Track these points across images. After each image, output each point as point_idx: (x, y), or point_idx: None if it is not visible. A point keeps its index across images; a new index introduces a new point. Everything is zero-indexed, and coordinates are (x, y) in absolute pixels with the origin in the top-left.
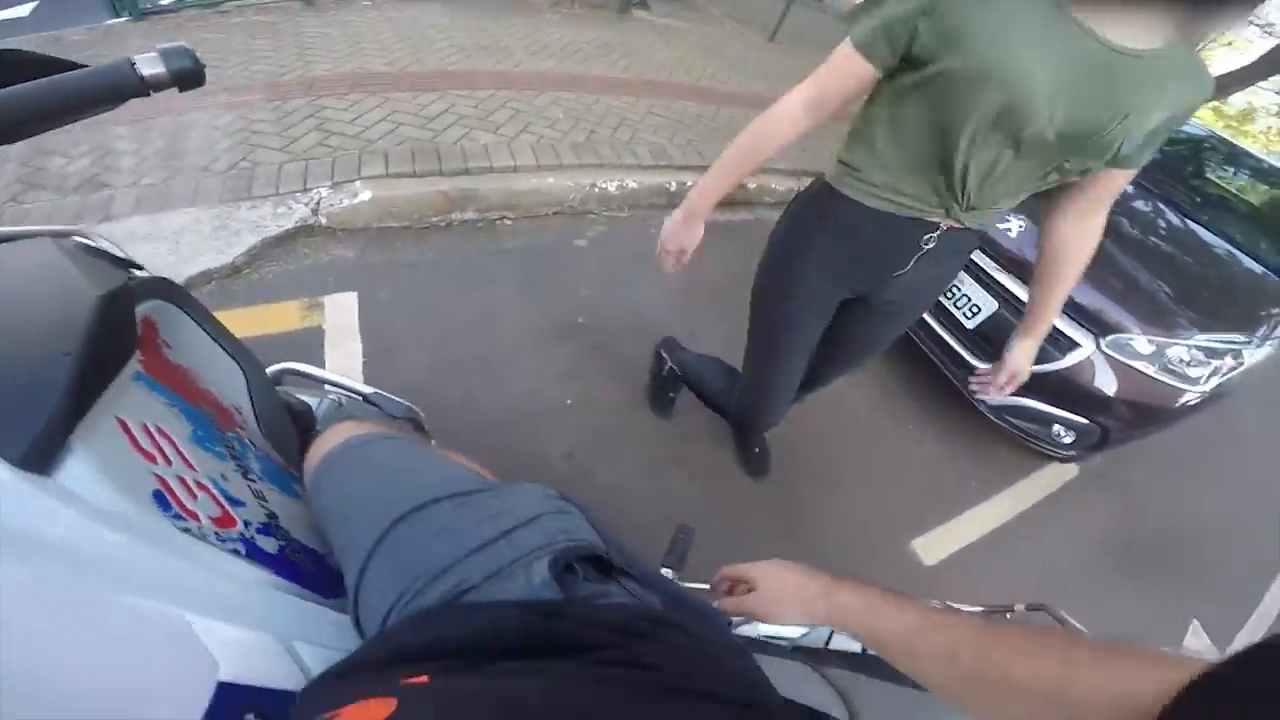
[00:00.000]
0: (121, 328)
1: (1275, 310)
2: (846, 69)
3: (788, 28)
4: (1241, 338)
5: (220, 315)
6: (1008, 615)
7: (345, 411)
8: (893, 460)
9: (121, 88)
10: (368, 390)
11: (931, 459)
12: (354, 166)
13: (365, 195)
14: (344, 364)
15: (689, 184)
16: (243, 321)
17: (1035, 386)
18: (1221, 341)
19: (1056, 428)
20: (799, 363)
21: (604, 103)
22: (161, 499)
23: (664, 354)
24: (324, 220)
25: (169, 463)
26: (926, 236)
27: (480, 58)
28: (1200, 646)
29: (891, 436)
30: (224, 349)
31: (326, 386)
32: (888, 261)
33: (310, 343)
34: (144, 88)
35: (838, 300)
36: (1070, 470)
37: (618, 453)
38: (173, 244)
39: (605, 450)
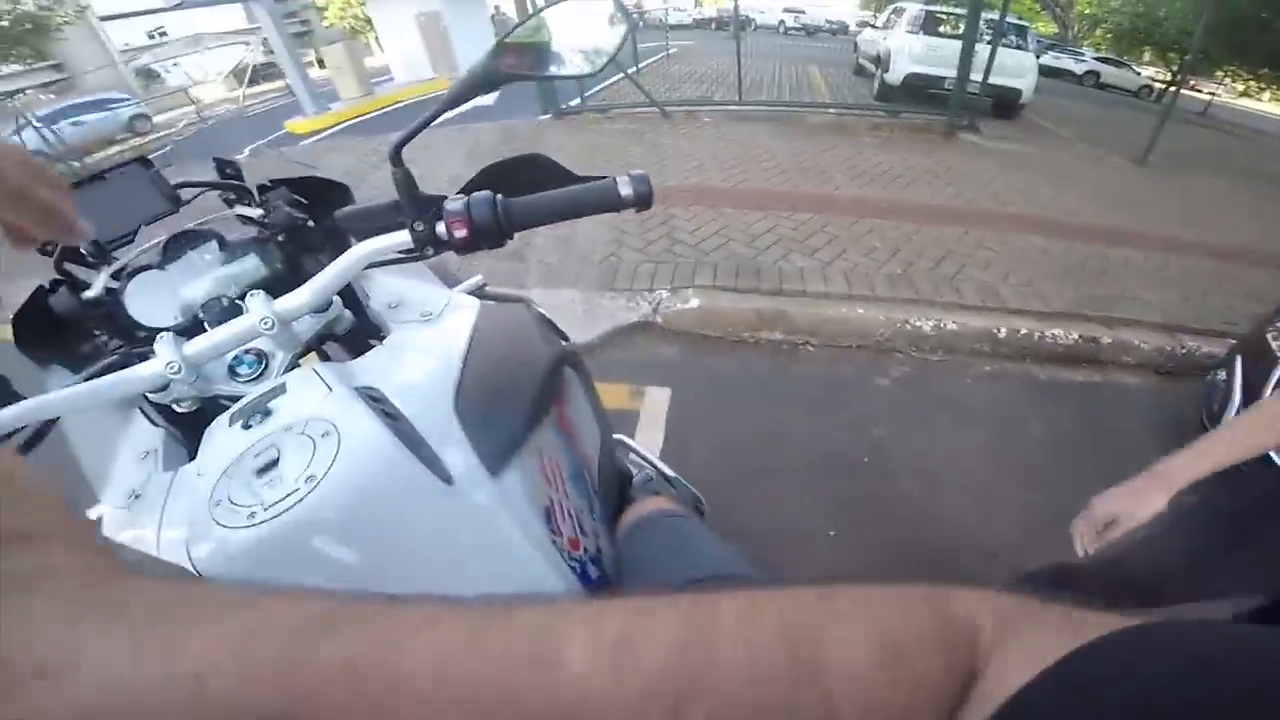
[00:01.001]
0: (556, 381)
1: None
2: None
3: (1163, 147)
4: None
5: None
6: None
7: (654, 485)
8: None
9: (608, 203)
10: (672, 474)
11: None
12: (689, 274)
13: (694, 302)
14: (648, 446)
15: (1022, 331)
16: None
17: None
18: None
19: None
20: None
21: (926, 233)
22: (548, 515)
23: None
24: (659, 320)
25: (556, 490)
26: None
27: (801, 179)
28: None
29: None
30: (593, 411)
31: (644, 463)
32: None
33: (627, 422)
34: (620, 204)
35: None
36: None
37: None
38: (555, 316)
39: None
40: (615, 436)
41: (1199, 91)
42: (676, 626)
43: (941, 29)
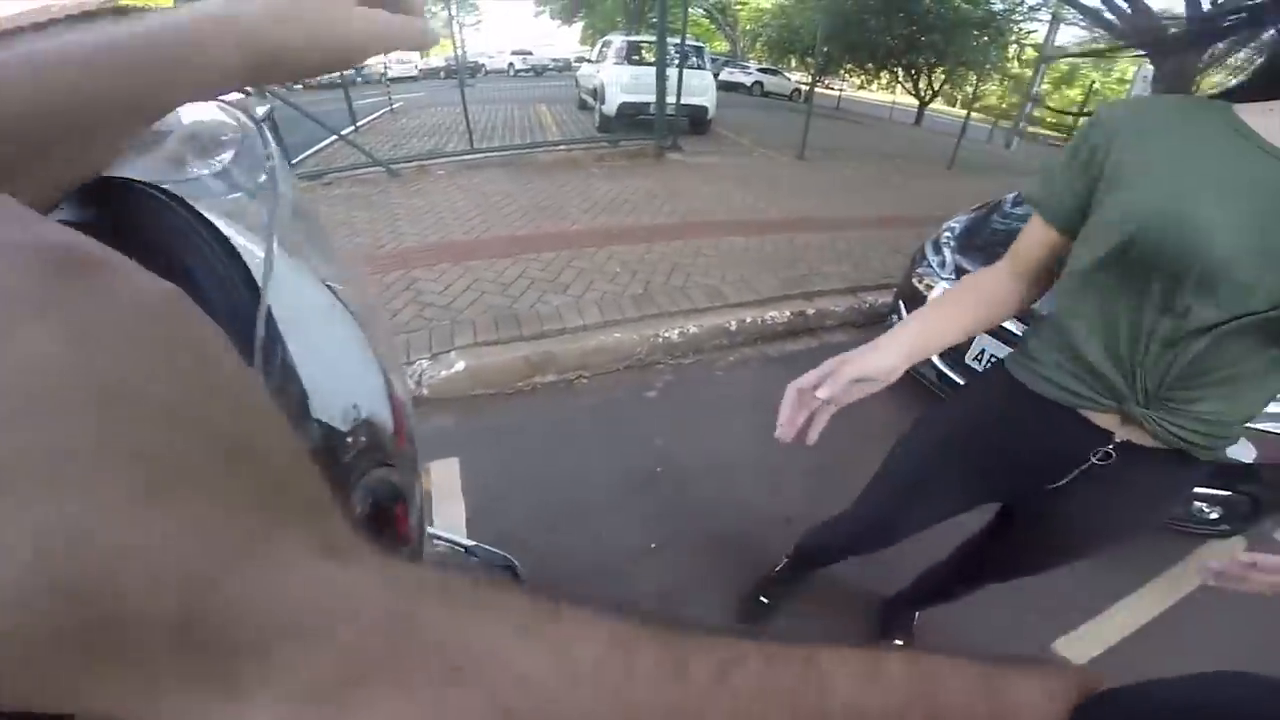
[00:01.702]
0: None
1: None
2: (1030, 232)
3: (813, 142)
4: None
5: None
6: None
7: (448, 562)
8: None
9: None
10: (469, 543)
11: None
12: (448, 337)
13: (460, 365)
14: (451, 520)
15: (748, 320)
16: None
17: None
18: None
19: (1197, 505)
20: (907, 519)
21: (656, 250)
22: None
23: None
24: (426, 392)
25: None
26: (1097, 450)
27: (542, 219)
28: None
29: None
30: None
31: (434, 541)
32: (1039, 465)
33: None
34: None
35: (978, 499)
36: (1235, 542)
37: (704, 590)
38: None
39: (691, 588)
40: None
41: (830, 89)
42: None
43: (642, 58)
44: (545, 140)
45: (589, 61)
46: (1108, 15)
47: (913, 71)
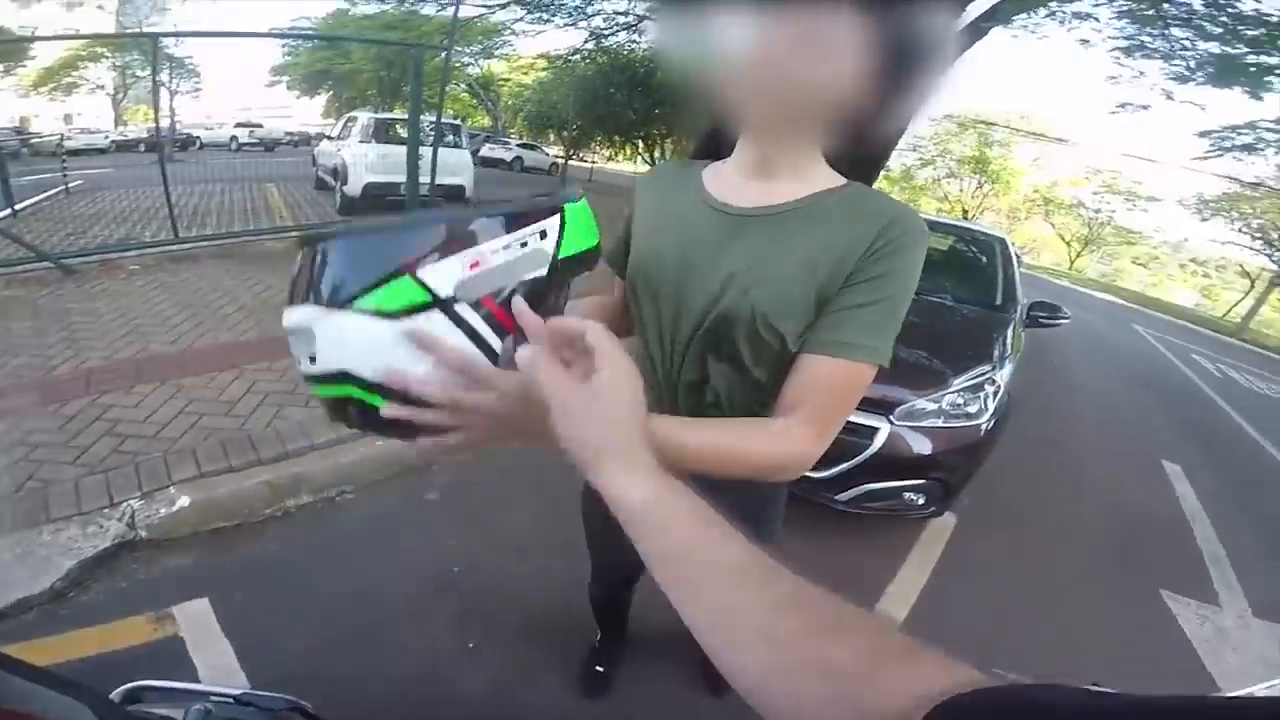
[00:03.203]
0: None
1: (995, 334)
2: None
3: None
4: (987, 367)
5: (54, 640)
6: None
7: (215, 718)
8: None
9: None
10: (235, 692)
11: (824, 566)
12: (161, 472)
13: (183, 500)
14: (219, 666)
15: None
16: (84, 643)
17: (867, 471)
18: (976, 377)
19: (907, 495)
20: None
21: None
22: None
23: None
24: (143, 534)
25: None
26: None
27: (273, 320)
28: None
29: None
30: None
31: (207, 701)
32: None
33: (172, 651)
34: None
35: None
36: (948, 519)
37: (539, 673)
38: None
39: (524, 677)
40: (128, 686)
41: (585, 161)
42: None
43: (391, 136)
44: (274, 225)
45: (328, 138)
46: None
47: (649, 142)
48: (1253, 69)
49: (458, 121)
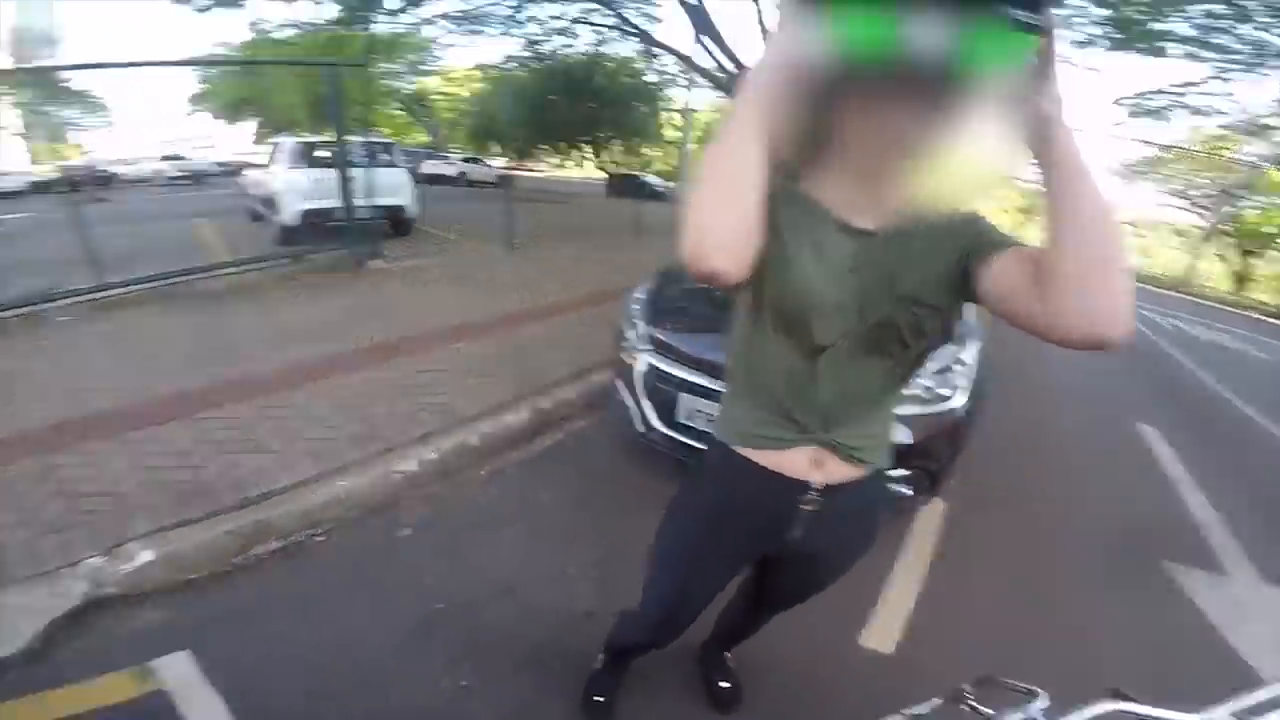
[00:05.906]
0: None
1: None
2: None
3: (520, 229)
4: (951, 346)
5: (34, 699)
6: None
7: None
8: None
9: None
10: None
11: None
12: (119, 528)
13: (146, 555)
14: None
15: (489, 431)
16: (68, 700)
17: None
18: (942, 358)
19: (894, 487)
20: (689, 608)
21: (372, 377)
22: None
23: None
24: (112, 590)
25: None
26: (801, 500)
27: (217, 364)
28: None
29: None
30: None
31: None
32: (770, 528)
33: (159, 707)
34: None
35: (738, 570)
36: (937, 505)
37: (538, 706)
38: None
39: (524, 712)
40: None
41: (532, 171)
42: None
43: (320, 159)
44: (209, 263)
45: (256, 168)
46: (719, 76)
47: (596, 146)
48: (1145, 31)
49: (390, 140)
